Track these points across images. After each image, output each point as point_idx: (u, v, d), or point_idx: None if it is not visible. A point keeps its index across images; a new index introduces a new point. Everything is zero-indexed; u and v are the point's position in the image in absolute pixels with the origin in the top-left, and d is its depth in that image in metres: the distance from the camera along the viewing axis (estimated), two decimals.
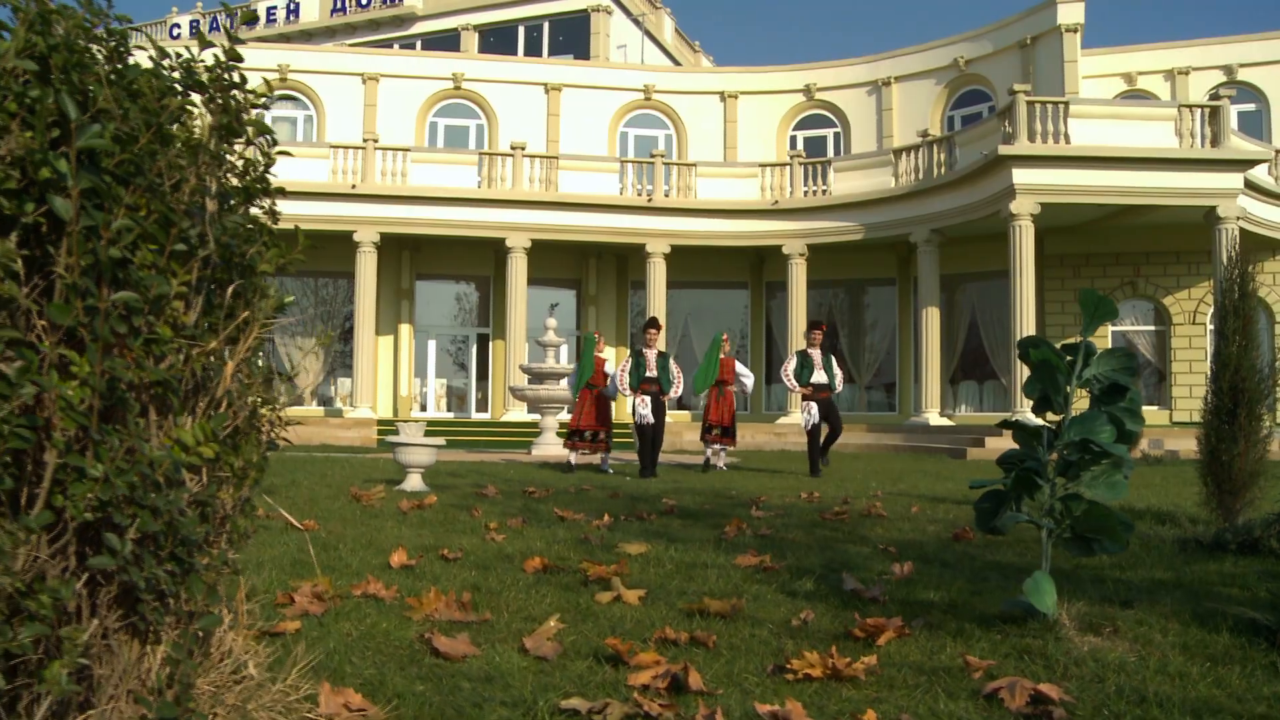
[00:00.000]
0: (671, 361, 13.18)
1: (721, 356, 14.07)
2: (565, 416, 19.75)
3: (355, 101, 29.44)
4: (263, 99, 1.75)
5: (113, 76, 1.45)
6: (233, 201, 1.69)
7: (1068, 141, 20.11)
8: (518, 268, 25.48)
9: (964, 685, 2.79)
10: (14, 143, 1.30)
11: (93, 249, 1.36)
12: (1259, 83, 26.13)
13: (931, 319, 23.25)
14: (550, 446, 18.43)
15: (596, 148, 29.61)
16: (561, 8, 34.16)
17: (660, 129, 30.61)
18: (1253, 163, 20.82)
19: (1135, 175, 19.93)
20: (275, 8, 36.74)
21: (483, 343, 29.24)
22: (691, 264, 26.94)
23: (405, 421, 15.45)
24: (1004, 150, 20.01)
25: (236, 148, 1.70)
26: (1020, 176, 20.01)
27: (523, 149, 25.76)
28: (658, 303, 25.82)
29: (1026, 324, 20.30)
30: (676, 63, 38.45)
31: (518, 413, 25.10)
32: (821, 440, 13.31)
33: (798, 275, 25.60)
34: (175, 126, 1.58)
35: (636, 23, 35.73)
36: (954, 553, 5.60)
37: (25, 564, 1.31)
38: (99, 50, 1.48)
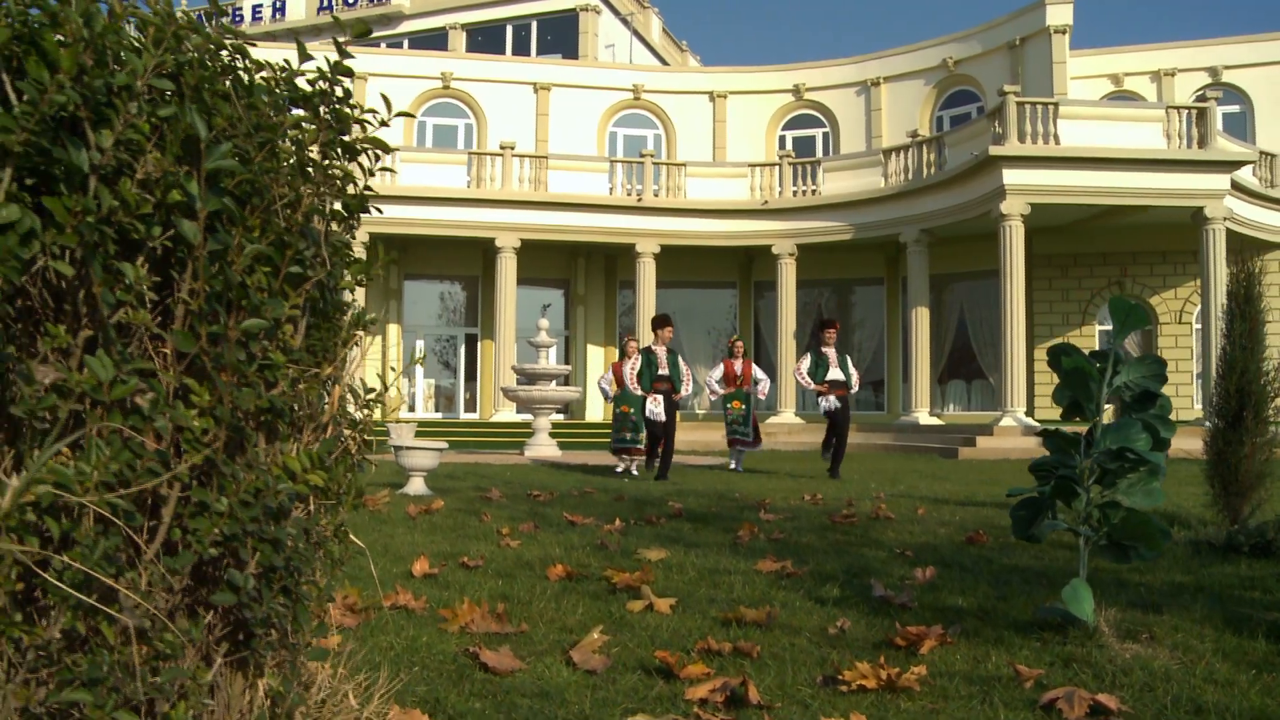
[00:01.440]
0: (681, 359, 13.12)
1: (740, 359, 13.98)
2: (558, 417, 19.76)
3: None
4: (370, 113, 1.74)
5: (239, 93, 1.44)
6: (338, 220, 1.67)
7: (1057, 142, 20.21)
8: (507, 268, 25.44)
9: (1018, 695, 2.79)
10: (150, 165, 1.29)
11: (220, 274, 1.34)
12: (1243, 85, 26.31)
13: (921, 319, 23.33)
14: (543, 448, 18.39)
15: (585, 147, 29.58)
16: (550, 7, 34.12)
17: (649, 129, 30.61)
18: (1239, 164, 20.98)
19: (1124, 176, 20.04)
20: (261, 5, 36.58)
21: (471, 343, 29.19)
22: (680, 264, 26.95)
23: (394, 423, 15.39)
24: (994, 151, 20.08)
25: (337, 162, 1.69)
26: (1010, 177, 20.09)
27: (512, 149, 25.73)
28: (647, 303, 25.81)
29: (1017, 324, 20.39)
30: (664, 62, 38.45)
31: (507, 413, 25.05)
32: (830, 448, 13.22)
33: (787, 275, 25.64)
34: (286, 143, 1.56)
35: (625, 22, 35.72)
36: (970, 556, 5.61)
37: (163, 605, 1.29)
38: (223, 64, 1.47)
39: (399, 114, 1.78)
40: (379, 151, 1.75)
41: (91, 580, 1.17)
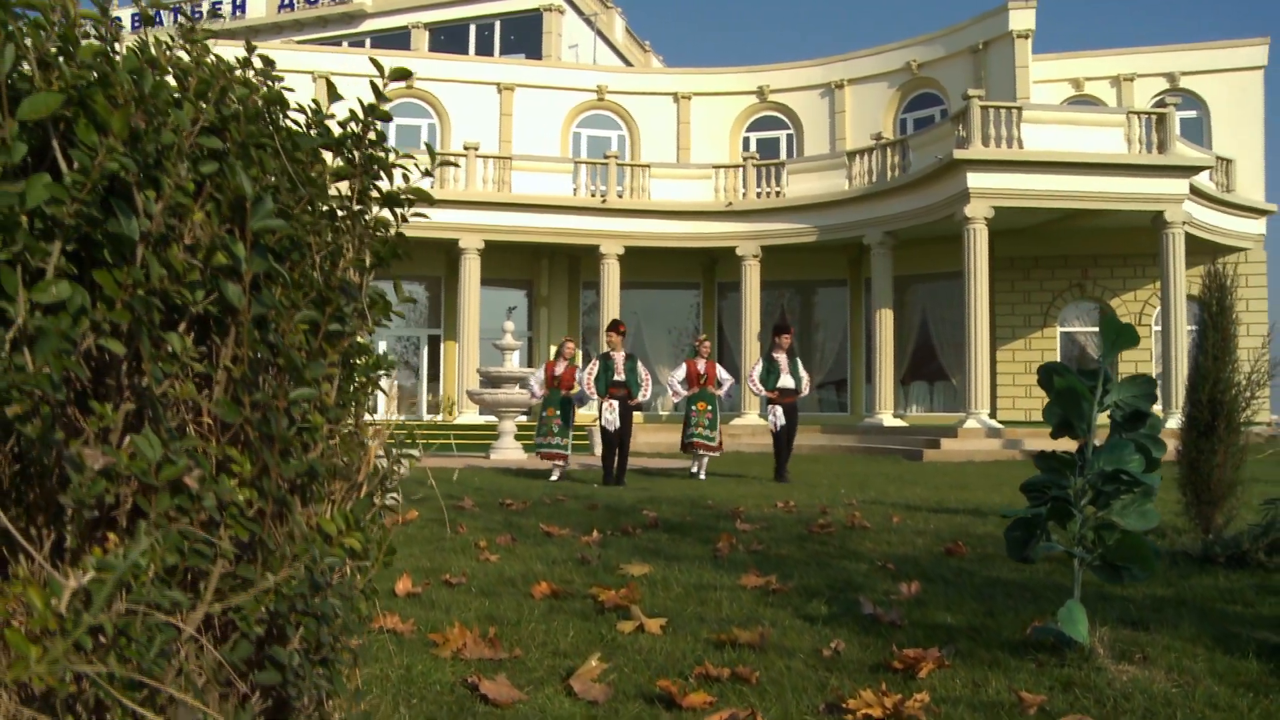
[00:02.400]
0: (639, 364, 13.09)
1: (704, 360, 13.92)
2: (523, 419, 19.65)
3: (304, 100, 28.99)
4: (407, 157, 1.68)
5: (285, 146, 1.38)
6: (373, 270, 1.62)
7: (1021, 146, 20.37)
8: (471, 269, 25.31)
9: None
10: (199, 230, 1.23)
11: (268, 340, 1.28)
12: (1200, 91, 26.66)
13: (885, 321, 23.45)
14: (509, 451, 18.31)
15: (549, 148, 29.49)
16: (513, 6, 33.96)
17: (613, 129, 30.56)
18: (1198, 169, 21.26)
19: (1086, 180, 20.24)
20: (220, 3, 36.15)
21: (434, 344, 29.01)
22: (644, 264, 26.93)
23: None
24: (959, 154, 20.21)
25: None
26: (975, 180, 20.23)
27: (476, 149, 25.60)
28: (611, 304, 25.77)
29: (980, 327, 20.53)
30: (628, 63, 38.40)
31: (471, 415, 24.93)
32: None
33: (751, 277, 25.69)
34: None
35: (588, 22, 35.64)
36: (950, 568, 5.62)
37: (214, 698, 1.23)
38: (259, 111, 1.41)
39: (413, 155, 1.72)
40: (416, 197, 1.69)
41: (143, 681, 1.11)
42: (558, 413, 13.16)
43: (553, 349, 28.88)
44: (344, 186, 1.57)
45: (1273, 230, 36.42)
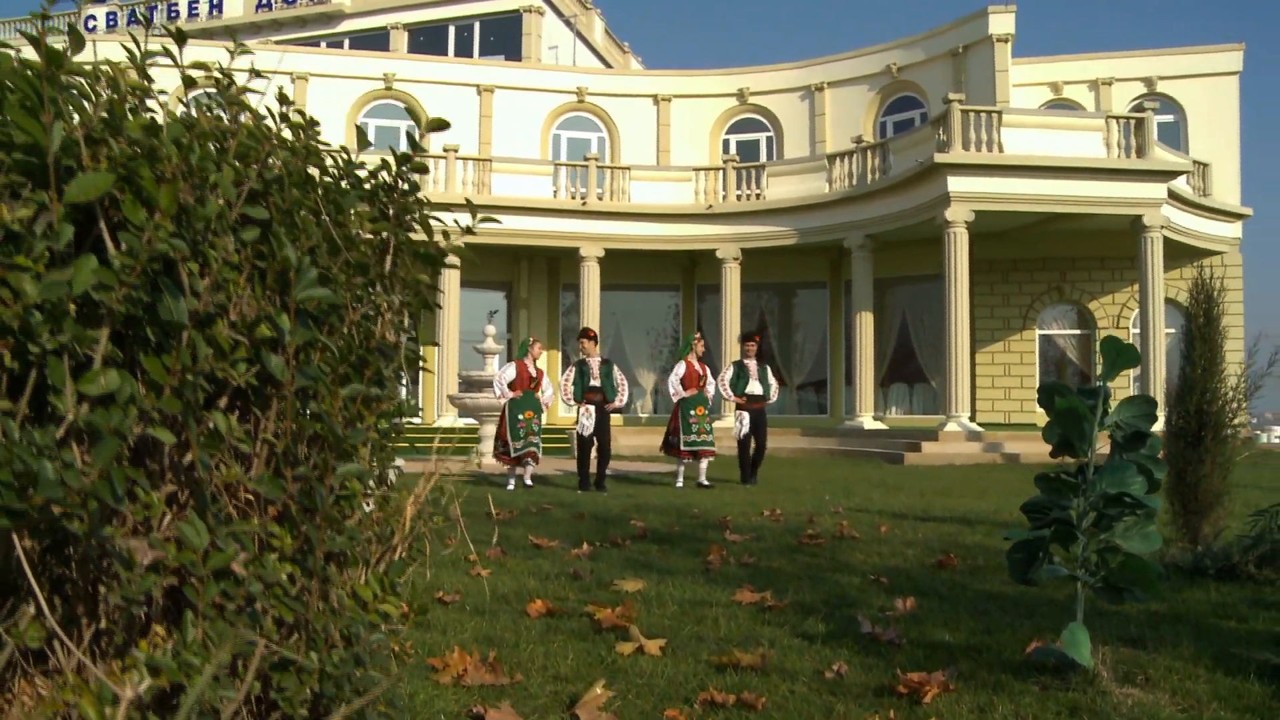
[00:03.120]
0: (615, 369, 13.07)
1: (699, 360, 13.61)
2: None
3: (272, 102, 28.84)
4: (444, 210, 1.64)
5: (331, 214, 1.34)
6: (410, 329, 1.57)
7: (1001, 150, 20.45)
8: (450, 272, 25.22)
9: None
10: (246, 305, 1.18)
11: (311, 411, 1.24)
12: (1177, 95, 26.84)
13: (865, 324, 23.49)
14: (489, 456, 18.19)
15: (529, 150, 29.42)
16: (493, 8, 33.85)
17: (593, 131, 30.51)
18: (1176, 174, 21.41)
19: (1066, 184, 20.34)
20: (197, 2, 35.87)
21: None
22: (623, 266, 26.89)
23: None
24: (939, 158, 20.27)
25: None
26: (955, 184, 20.29)
27: (455, 151, 25.50)
28: (591, 306, 25.74)
29: (961, 331, 20.59)
30: (607, 64, 38.36)
31: (451, 418, 24.82)
32: (751, 453, 13.46)
33: (731, 279, 25.69)
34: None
35: (568, 24, 35.57)
36: (943, 582, 5.61)
37: None
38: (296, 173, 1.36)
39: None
40: (451, 252, 1.64)
41: None
42: (535, 415, 12.97)
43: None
44: (372, 233, 1.53)
45: (1248, 234, 36.83)
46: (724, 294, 25.78)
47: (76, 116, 1.10)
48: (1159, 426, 14.71)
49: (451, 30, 34.43)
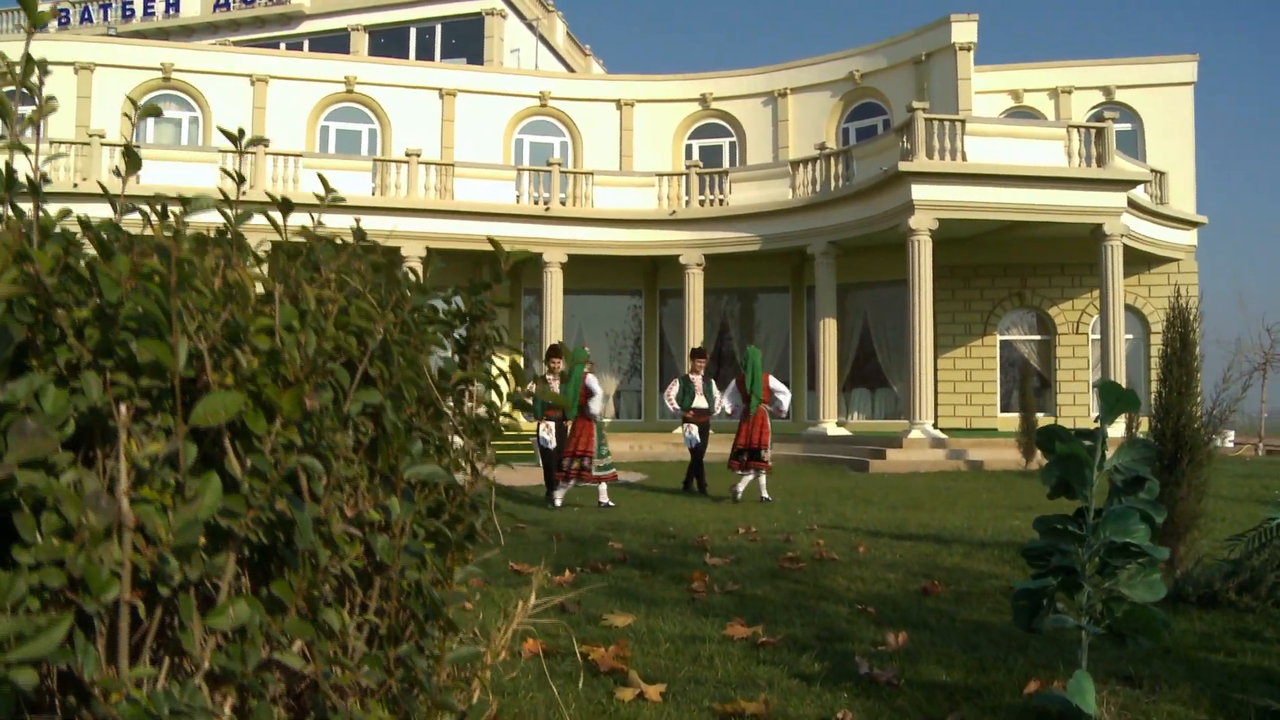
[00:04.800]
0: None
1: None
2: None
3: (244, 103, 28.53)
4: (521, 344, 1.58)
5: (430, 376, 1.28)
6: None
7: (964, 159, 20.58)
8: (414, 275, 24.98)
9: None
10: (362, 499, 1.12)
11: (418, 586, 1.18)
12: (1134, 104, 27.16)
13: (829, 330, 23.55)
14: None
15: (491, 154, 29.26)
16: (454, 10, 33.61)
17: (556, 136, 30.40)
18: (1135, 183, 21.66)
19: (1028, 193, 20.51)
20: (153, 1, 35.36)
21: None
22: (586, 271, 26.81)
23: None
24: (904, 166, 20.36)
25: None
26: (919, 192, 20.40)
27: (418, 155, 25.31)
28: (554, 312, 25.66)
29: (924, 338, 20.70)
30: (569, 67, 38.24)
31: None
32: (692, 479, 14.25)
33: (695, 285, 25.68)
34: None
35: (530, 27, 35.41)
36: (930, 611, 5.63)
37: None
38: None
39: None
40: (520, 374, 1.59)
41: None
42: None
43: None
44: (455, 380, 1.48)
45: (1203, 241, 37.41)
46: (687, 299, 25.76)
47: (202, 330, 1.04)
48: (1118, 430, 14.83)
49: (413, 32, 34.15)
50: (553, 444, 12.60)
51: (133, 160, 1.12)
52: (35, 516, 0.93)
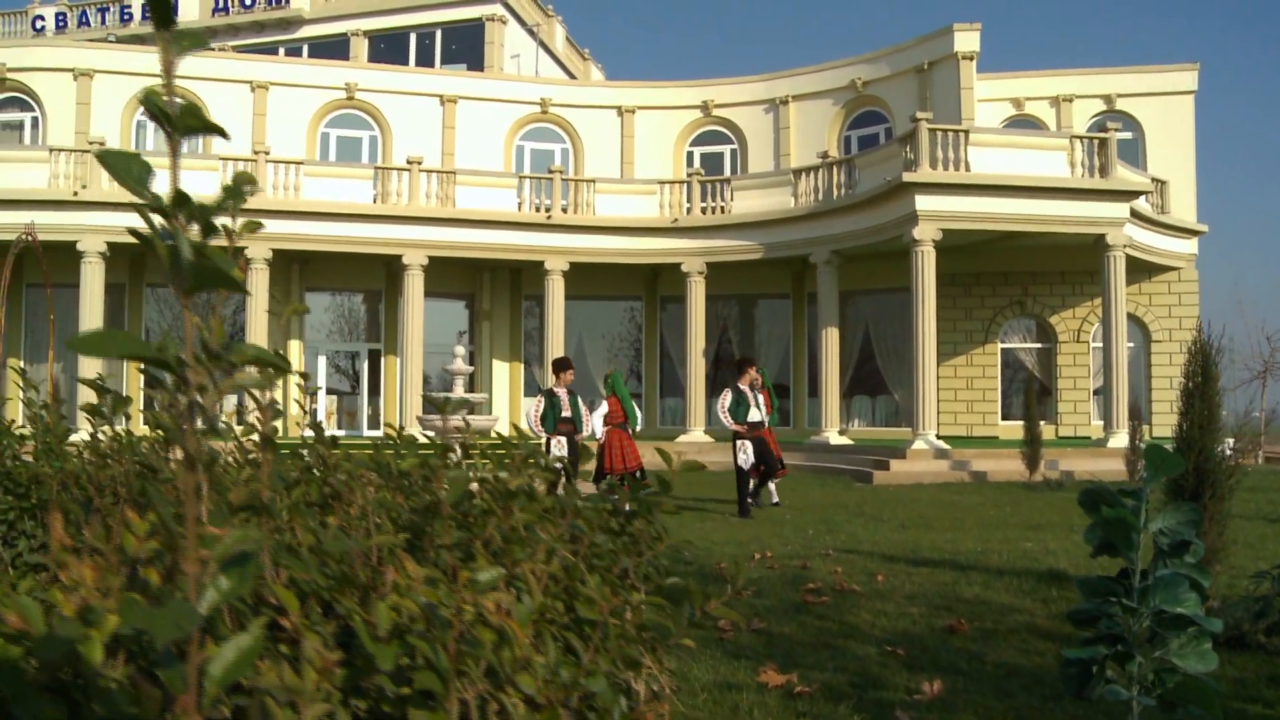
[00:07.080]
0: (580, 401, 13.32)
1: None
2: None
3: (244, 110, 28.49)
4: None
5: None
6: None
7: (968, 169, 20.62)
8: (414, 286, 24.98)
9: None
10: None
11: None
12: (1135, 112, 27.24)
13: (831, 339, 23.58)
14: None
15: (492, 161, 29.26)
16: (455, 16, 33.59)
17: (557, 143, 30.40)
18: (1138, 193, 21.70)
19: (1031, 204, 20.56)
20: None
21: (374, 358, 28.66)
22: (586, 278, 26.83)
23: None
24: (907, 177, 20.40)
25: None
26: (923, 203, 20.44)
27: (419, 163, 25.29)
28: (555, 321, 25.66)
29: (928, 348, 20.74)
30: (569, 72, 38.25)
31: (416, 431, 24.63)
32: (754, 481, 13.35)
33: (697, 293, 25.70)
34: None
35: (531, 33, 35.40)
36: (958, 652, 5.63)
37: None
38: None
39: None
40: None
41: None
42: None
43: (495, 364, 28.64)
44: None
45: (1204, 250, 37.53)
46: (689, 307, 25.79)
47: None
48: (1120, 441, 14.77)
49: (413, 38, 34.13)
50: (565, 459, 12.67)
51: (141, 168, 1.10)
52: None
